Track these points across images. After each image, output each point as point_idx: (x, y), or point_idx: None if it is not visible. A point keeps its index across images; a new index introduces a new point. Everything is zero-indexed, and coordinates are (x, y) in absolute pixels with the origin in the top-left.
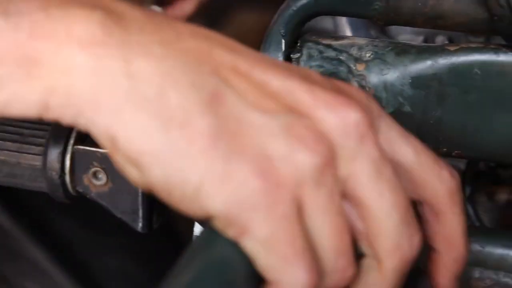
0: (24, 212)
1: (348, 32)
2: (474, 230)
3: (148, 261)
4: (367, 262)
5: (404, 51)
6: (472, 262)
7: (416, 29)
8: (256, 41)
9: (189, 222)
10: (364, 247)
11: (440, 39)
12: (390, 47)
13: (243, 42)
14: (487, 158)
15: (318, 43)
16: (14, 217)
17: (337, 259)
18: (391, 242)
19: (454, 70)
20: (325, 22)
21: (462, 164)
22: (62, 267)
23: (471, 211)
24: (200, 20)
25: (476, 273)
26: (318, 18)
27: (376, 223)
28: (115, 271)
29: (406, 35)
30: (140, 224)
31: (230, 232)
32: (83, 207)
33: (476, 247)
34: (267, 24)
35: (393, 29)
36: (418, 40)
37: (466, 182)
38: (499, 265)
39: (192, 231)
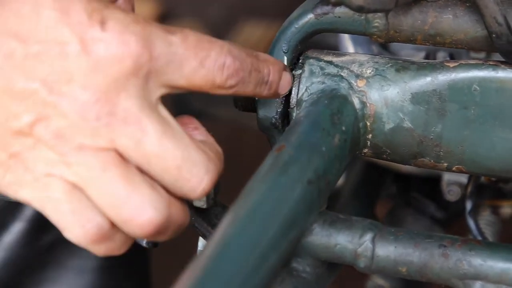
0: None
1: (350, 47)
2: (476, 243)
3: None
4: None
5: (404, 67)
6: (474, 275)
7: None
8: None
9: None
10: None
11: (441, 55)
12: (390, 64)
13: None
14: (487, 173)
15: (319, 60)
16: None
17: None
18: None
19: (454, 86)
20: (328, 37)
21: (464, 178)
22: None
23: (473, 225)
24: (206, 32)
25: (478, 287)
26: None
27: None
28: None
29: (407, 50)
30: (145, 240)
31: None
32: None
33: (478, 261)
34: (273, 38)
35: (395, 44)
36: (419, 56)
37: (468, 196)
38: (500, 278)
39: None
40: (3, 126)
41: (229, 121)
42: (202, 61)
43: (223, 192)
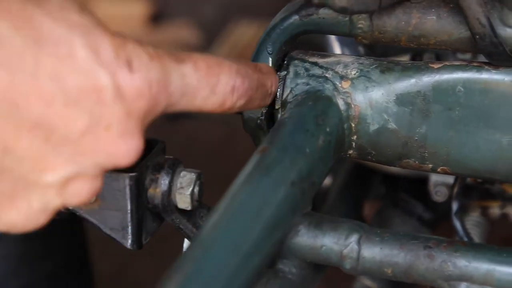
0: None
1: (337, 48)
2: (461, 245)
3: None
4: None
5: (388, 68)
6: (459, 276)
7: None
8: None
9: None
10: None
11: (427, 56)
12: (375, 65)
13: (240, 57)
14: (472, 174)
15: (304, 61)
16: None
17: None
18: None
19: (438, 87)
20: (315, 37)
21: (451, 179)
22: None
23: (459, 226)
24: (198, 33)
25: None
26: None
27: None
28: None
29: (394, 51)
30: (130, 241)
31: None
32: None
33: (463, 262)
34: None
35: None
36: (405, 57)
37: (454, 197)
38: (485, 280)
39: None
40: (35, 178)
41: (218, 122)
42: (213, 88)
43: (218, 192)
